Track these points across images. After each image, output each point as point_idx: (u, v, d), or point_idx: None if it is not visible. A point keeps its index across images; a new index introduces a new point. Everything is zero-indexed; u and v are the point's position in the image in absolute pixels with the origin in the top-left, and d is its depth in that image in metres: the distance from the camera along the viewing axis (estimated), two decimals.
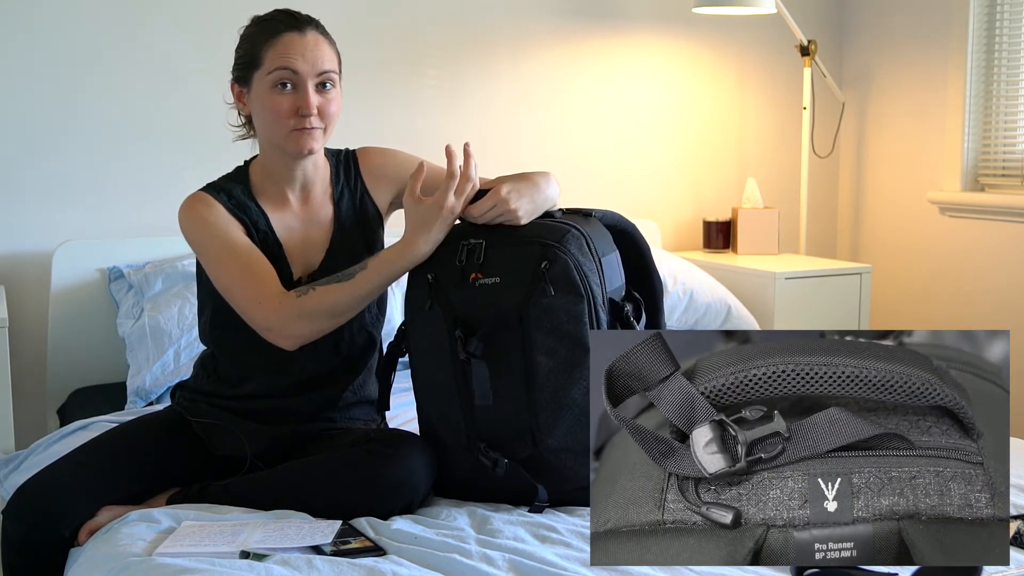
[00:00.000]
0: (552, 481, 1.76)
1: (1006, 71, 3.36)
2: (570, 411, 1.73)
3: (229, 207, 1.89)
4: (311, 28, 1.88)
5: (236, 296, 1.84)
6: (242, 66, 1.89)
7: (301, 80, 1.84)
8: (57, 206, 2.82)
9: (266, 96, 1.85)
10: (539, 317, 1.71)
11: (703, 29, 3.60)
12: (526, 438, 1.74)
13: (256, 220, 1.91)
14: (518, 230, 1.78)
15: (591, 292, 1.72)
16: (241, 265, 1.84)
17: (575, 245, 1.74)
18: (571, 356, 1.72)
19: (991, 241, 3.37)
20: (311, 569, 1.49)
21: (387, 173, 2.03)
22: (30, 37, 2.76)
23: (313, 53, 1.85)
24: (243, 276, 1.83)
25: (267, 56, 1.85)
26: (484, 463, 1.75)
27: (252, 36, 1.89)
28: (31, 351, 2.79)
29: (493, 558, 1.52)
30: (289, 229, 1.94)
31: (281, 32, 1.86)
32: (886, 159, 3.73)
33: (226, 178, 1.97)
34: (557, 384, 1.72)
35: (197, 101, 2.90)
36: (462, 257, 1.77)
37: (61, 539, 1.71)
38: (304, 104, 1.84)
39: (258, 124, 1.92)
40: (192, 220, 1.88)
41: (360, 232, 2.00)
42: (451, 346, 1.75)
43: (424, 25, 3.22)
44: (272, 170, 1.94)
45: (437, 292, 1.77)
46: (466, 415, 1.77)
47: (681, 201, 3.66)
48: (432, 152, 3.12)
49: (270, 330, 1.82)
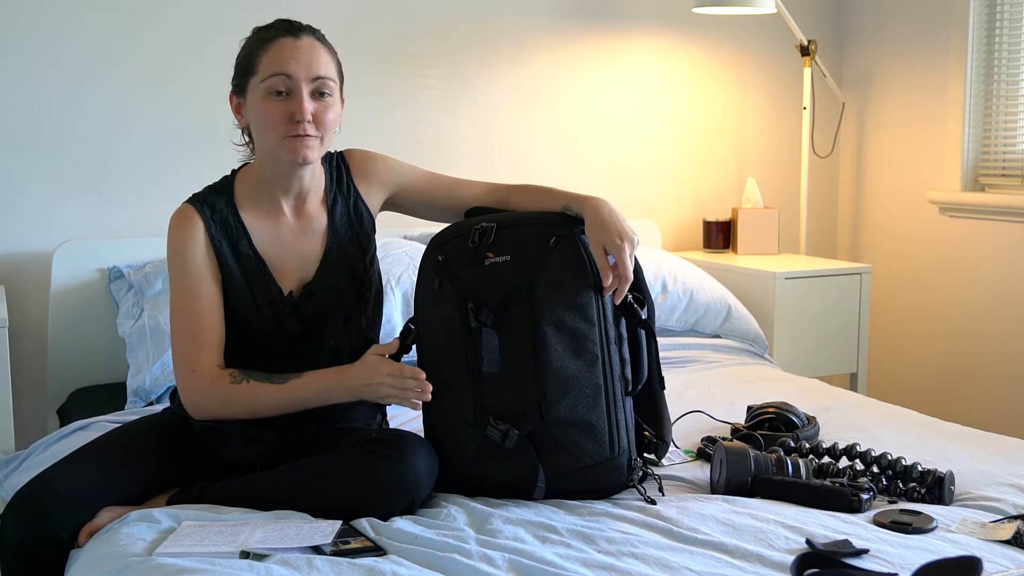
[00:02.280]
0: (557, 458, 1.77)
1: (1006, 71, 3.36)
2: (576, 383, 1.76)
3: (210, 227, 1.89)
4: (307, 34, 1.87)
5: (175, 348, 1.89)
6: (238, 74, 1.90)
7: (295, 85, 1.83)
8: (57, 206, 2.82)
9: (260, 103, 1.85)
10: (548, 290, 1.78)
11: (703, 29, 3.60)
12: (533, 410, 1.76)
13: (236, 239, 1.91)
14: (530, 215, 1.88)
15: (597, 270, 1.80)
16: (193, 319, 1.87)
17: (582, 231, 1.84)
18: (578, 329, 1.76)
19: (991, 241, 3.37)
20: (311, 569, 1.49)
21: (377, 176, 2.04)
22: (30, 37, 2.76)
23: (308, 57, 1.84)
24: (189, 334, 1.87)
25: (261, 62, 1.84)
26: (493, 437, 1.76)
27: (249, 45, 1.89)
28: (31, 351, 2.79)
29: (493, 558, 1.52)
30: (280, 243, 1.93)
31: (275, 38, 1.85)
32: (886, 159, 3.73)
33: (211, 189, 1.96)
34: (564, 356, 1.75)
35: (197, 101, 2.90)
36: (474, 239, 1.83)
37: (61, 542, 1.70)
38: (298, 109, 1.83)
39: (255, 133, 1.91)
40: (174, 241, 1.90)
41: (354, 239, 2.00)
42: (461, 319, 1.79)
43: (424, 25, 3.21)
44: (268, 181, 1.93)
45: (446, 271, 1.83)
46: (474, 388, 1.79)
47: (681, 201, 3.66)
48: (432, 152, 3.14)
49: (188, 400, 1.87)
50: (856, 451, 1.94)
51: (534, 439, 1.77)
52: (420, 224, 2.81)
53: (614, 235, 1.80)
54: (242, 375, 1.85)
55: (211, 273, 1.89)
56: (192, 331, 1.87)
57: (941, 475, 1.81)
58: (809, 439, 2.11)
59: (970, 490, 1.84)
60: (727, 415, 2.31)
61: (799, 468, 1.86)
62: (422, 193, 2.06)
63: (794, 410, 2.17)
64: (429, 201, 2.06)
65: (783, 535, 1.62)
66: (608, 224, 1.81)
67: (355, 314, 1.98)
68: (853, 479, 1.84)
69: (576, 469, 1.78)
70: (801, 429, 2.13)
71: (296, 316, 1.93)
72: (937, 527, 1.67)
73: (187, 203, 1.92)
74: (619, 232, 1.80)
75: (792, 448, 2.01)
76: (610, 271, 1.79)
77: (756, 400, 2.33)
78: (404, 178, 2.05)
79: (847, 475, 1.88)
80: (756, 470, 1.84)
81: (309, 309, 1.93)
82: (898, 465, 1.86)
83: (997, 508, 1.76)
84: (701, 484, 1.92)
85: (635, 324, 1.85)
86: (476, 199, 2.02)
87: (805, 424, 2.16)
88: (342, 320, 1.96)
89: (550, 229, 1.82)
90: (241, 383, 1.84)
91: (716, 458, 1.89)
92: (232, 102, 1.92)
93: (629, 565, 1.51)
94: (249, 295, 1.91)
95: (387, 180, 2.04)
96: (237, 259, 1.90)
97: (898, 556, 1.54)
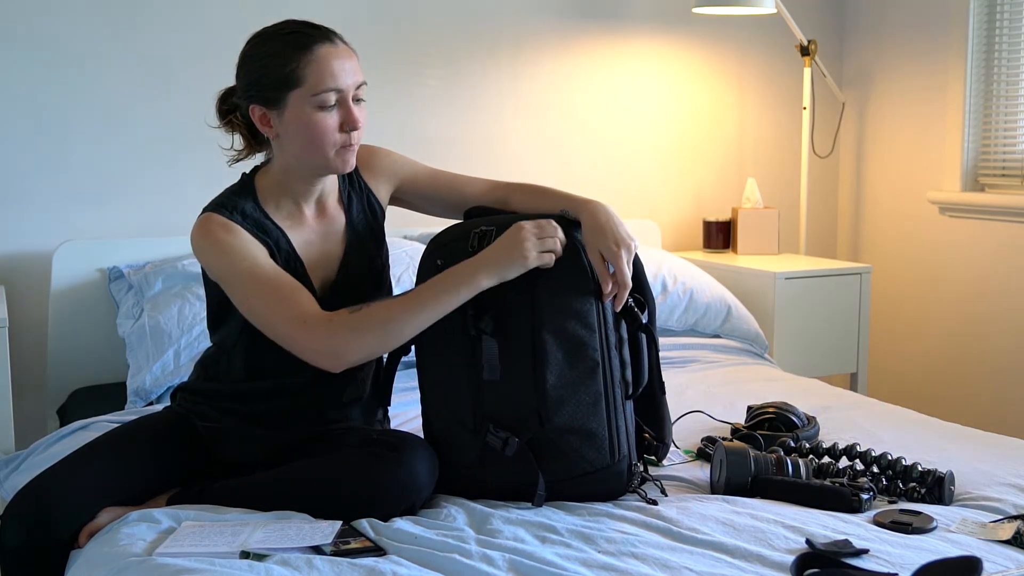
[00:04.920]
0: (557, 465, 1.76)
1: (1006, 71, 3.36)
2: (576, 391, 1.75)
3: (250, 229, 1.83)
4: (335, 36, 1.84)
5: (275, 321, 1.77)
6: (272, 86, 1.80)
7: (344, 97, 1.81)
8: (57, 206, 2.82)
9: (310, 115, 1.79)
10: (548, 297, 1.76)
11: (703, 29, 3.60)
12: (532, 418, 1.75)
13: (277, 239, 1.87)
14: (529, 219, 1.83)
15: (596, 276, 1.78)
16: (274, 289, 1.77)
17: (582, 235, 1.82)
18: (579, 336, 1.75)
19: (991, 241, 3.37)
20: (311, 569, 1.49)
21: (383, 169, 2.03)
22: (30, 38, 2.76)
23: (351, 64, 1.82)
24: (281, 300, 1.77)
25: (307, 74, 1.78)
26: (493, 444, 1.75)
27: (278, 53, 1.80)
28: (31, 351, 2.79)
29: (493, 558, 1.52)
30: (308, 245, 1.91)
31: (313, 46, 1.79)
32: (886, 159, 3.73)
33: (233, 194, 1.89)
34: (564, 364, 1.74)
35: (197, 101, 2.87)
36: (474, 243, 1.81)
37: (61, 542, 1.70)
38: (350, 120, 1.81)
39: (295, 145, 1.84)
40: (213, 246, 1.81)
41: (371, 234, 1.99)
42: (461, 325, 1.77)
43: (425, 26, 3.21)
44: (290, 187, 1.90)
45: None
46: (473, 395, 1.78)
47: (681, 201, 3.66)
48: (432, 152, 3.13)
49: (318, 352, 1.75)
50: (856, 451, 1.94)
51: (534, 446, 1.76)
52: (420, 224, 2.82)
53: (611, 242, 1.77)
54: (357, 307, 1.75)
55: (264, 252, 1.82)
56: (279, 299, 1.76)
57: (941, 475, 1.81)
58: (809, 439, 2.11)
59: (970, 490, 1.84)
60: (727, 415, 2.30)
61: (799, 468, 1.86)
62: (425, 188, 2.05)
63: (794, 410, 2.17)
64: (432, 197, 2.05)
65: (783, 535, 1.62)
66: (604, 230, 1.79)
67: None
68: (853, 479, 1.84)
69: (576, 476, 1.77)
70: (801, 429, 2.13)
71: None
72: (937, 527, 1.67)
73: (213, 212, 1.83)
74: (615, 239, 1.78)
75: (792, 448, 2.01)
76: (609, 278, 1.77)
77: (756, 400, 2.32)
78: (407, 172, 2.04)
79: (847, 475, 1.88)
80: (756, 470, 1.84)
81: (332, 308, 1.91)
82: (898, 465, 1.86)
83: (997, 508, 1.75)
84: (701, 484, 1.92)
85: (636, 328, 1.84)
86: (478, 196, 2.01)
87: (805, 424, 2.16)
88: None
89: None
90: (362, 309, 1.75)
91: (716, 458, 1.89)
92: (255, 113, 1.84)
93: (629, 565, 1.51)
94: None
95: (392, 174, 2.03)
96: (280, 257, 1.86)
97: (898, 556, 1.54)
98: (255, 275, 1.79)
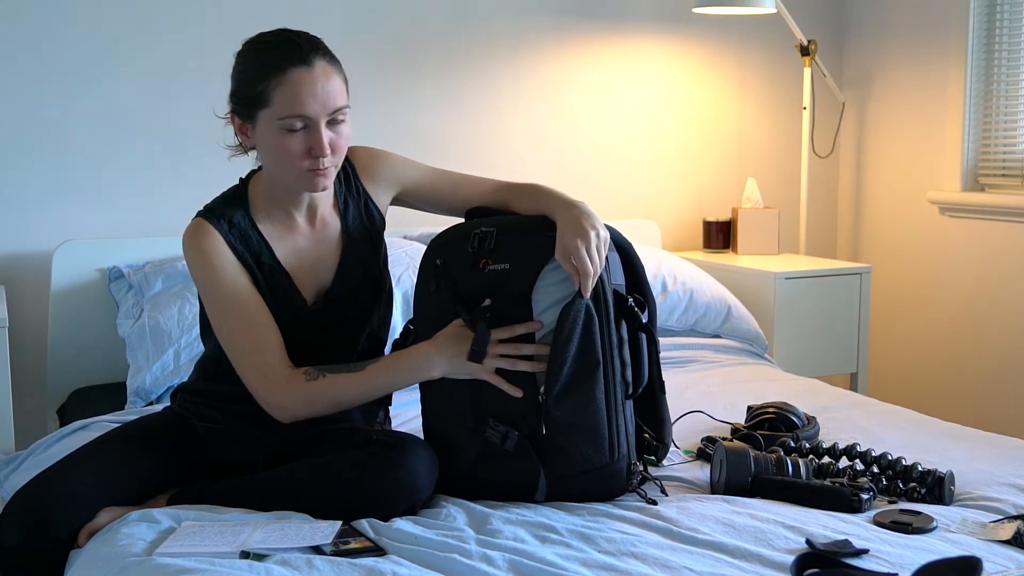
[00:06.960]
0: (556, 461, 1.76)
1: (1006, 71, 3.36)
2: (578, 389, 1.75)
3: (230, 240, 1.84)
4: (317, 57, 1.78)
5: (238, 359, 1.82)
6: (245, 101, 1.81)
7: (314, 122, 1.78)
8: (57, 206, 2.82)
9: (275, 137, 1.79)
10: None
11: (703, 29, 3.60)
12: (533, 412, 1.75)
13: (259, 252, 1.87)
14: (530, 222, 1.82)
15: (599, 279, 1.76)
16: (245, 329, 1.81)
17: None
18: (579, 336, 1.74)
19: (991, 241, 3.37)
20: (311, 569, 1.49)
21: (384, 175, 2.01)
22: (30, 37, 2.76)
23: (324, 90, 1.77)
24: (248, 343, 1.81)
25: (275, 97, 1.76)
26: (492, 439, 1.75)
27: (254, 69, 1.79)
28: (31, 351, 2.79)
29: (493, 558, 1.52)
30: (297, 253, 1.91)
31: (287, 68, 1.76)
32: (886, 159, 3.73)
33: (225, 201, 1.90)
34: (564, 358, 1.73)
35: (197, 101, 2.89)
36: (474, 244, 1.80)
37: (60, 542, 1.70)
38: (317, 146, 1.78)
39: (265, 160, 1.85)
40: (198, 260, 1.83)
41: (367, 241, 1.98)
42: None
43: (424, 26, 3.21)
44: (278, 196, 1.90)
45: (444, 275, 1.81)
46: (473, 393, 1.78)
47: (681, 201, 3.66)
48: (432, 152, 3.13)
49: (270, 405, 1.81)
50: (856, 451, 1.94)
51: (533, 442, 1.76)
52: (420, 224, 2.82)
53: (569, 236, 1.73)
54: (316, 371, 1.80)
55: (245, 278, 1.84)
56: (249, 339, 1.81)
57: (941, 475, 1.81)
58: (809, 439, 2.11)
59: (970, 490, 1.84)
60: (727, 415, 2.31)
61: (799, 468, 1.86)
62: (427, 191, 2.04)
63: (794, 410, 2.17)
64: (434, 199, 2.04)
65: (783, 535, 1.62)
66: (567, 228, 1.74)
67: (371, 315, 1.97)
68: (853, 479, 1.84)
69: (575, 474, 1.77)
70: (801, 429, 2.13)
71: (317, 323, 1.91)
72: (937, 527, 1.67)
73: (201, 218, 1.85)
74: (575, 231, 1.73)
75: (792, 448, 2.01)
76: (573, 272, 1.73)
77: (756, 400, 2.32)
78: (410, 176, 2.03)
79: (847, 475, 1.88)
80: (756, 470, 1.84)
81: (329, 315, 1.91)
82: (898, 465, 1.86)
83: (997, 508, 1.75)
84: (701, 484, 1.92)
85: (636, 328, 1.83)
86: (480, 198, 2.00)
87: (805, 424, 2.16)
88: (360, 322, 1.96)
89: (552, 241, 1.76)
90: (318, 379, 1.79)
91: (716, 458, 1.89)
92: (234, 122, 1.85)
93: (629, 565, 1.51)
94: (274, 307, 1.86)
95: (393, 179, 2.01)
96: (261, 272, 1.86)
97: (898, 556, 1.54)
98: (231, 307, 1.82)
